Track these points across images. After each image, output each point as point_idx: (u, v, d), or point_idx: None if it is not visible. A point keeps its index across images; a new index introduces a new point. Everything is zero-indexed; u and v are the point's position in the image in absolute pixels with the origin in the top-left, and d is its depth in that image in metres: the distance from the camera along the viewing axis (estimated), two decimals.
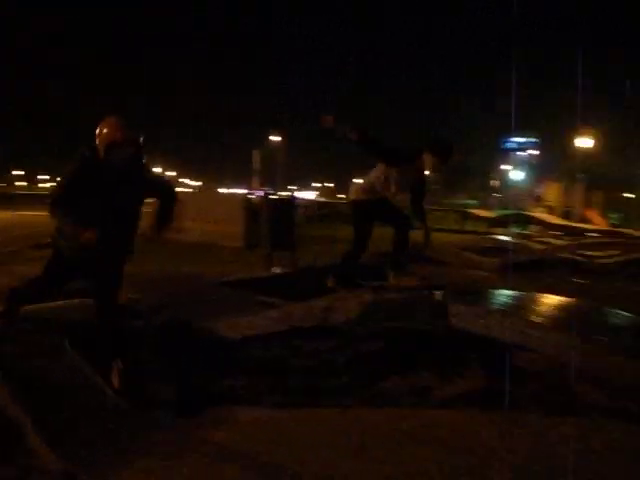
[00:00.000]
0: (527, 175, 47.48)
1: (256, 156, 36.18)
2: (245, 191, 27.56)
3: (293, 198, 11.02)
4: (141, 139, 3.21)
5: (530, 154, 57.98)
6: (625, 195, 36.86)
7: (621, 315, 4.26)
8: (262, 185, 34.76)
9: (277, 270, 7.44)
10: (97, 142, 3.15)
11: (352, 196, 4.93)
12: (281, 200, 10.73)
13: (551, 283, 6.73)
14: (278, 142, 47.41)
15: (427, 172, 4.79)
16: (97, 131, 3.16)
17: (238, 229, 10.68)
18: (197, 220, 10.90)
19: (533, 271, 7.94)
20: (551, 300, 4.68)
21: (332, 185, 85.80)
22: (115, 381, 2.90)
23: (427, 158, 4.60)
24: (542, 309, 4.30)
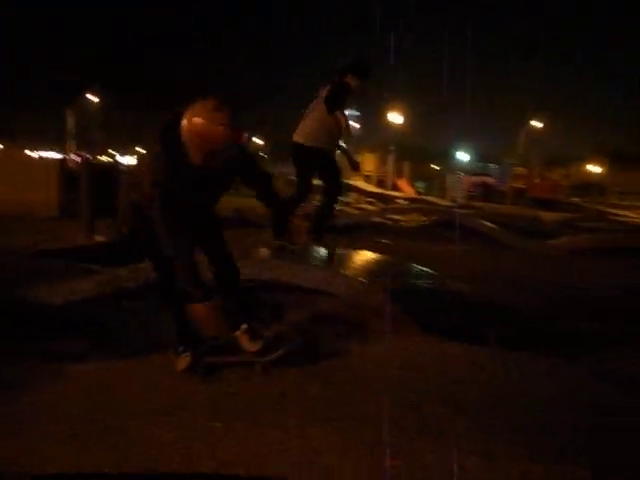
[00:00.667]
0: (349, 146, 50.41)
1: (69, 116, 32.93)
2: (59, 155, 25.27)
3: (116, 163, 10.61)
4: (246, 135, 2.62)
5: (351, 127, 61.26)
6: (432, 166, 41.21)
7: (415, 268, 5.06)
8: (80, 149, 32.00)
9: (100, 238, 7.24)
10: (184, 134, 2.36)
11: (310, 143, 4.54)
12: (103, 165, 10.27)
13: (364, 243, 7.56)
14: (95, 101, 43.57)
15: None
16: (185, 121, 2.35)
17: (52, 197, 9.98)
18: (1, 187, 9.93)
19: (350, 234, 8.79)
20: (360, 256, 5.35)
21: None
22: (246, 342, 2.69)
23: (351, 81, 4.49)
24: (352, 264, 4.92)
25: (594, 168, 48.89)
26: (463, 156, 39.90)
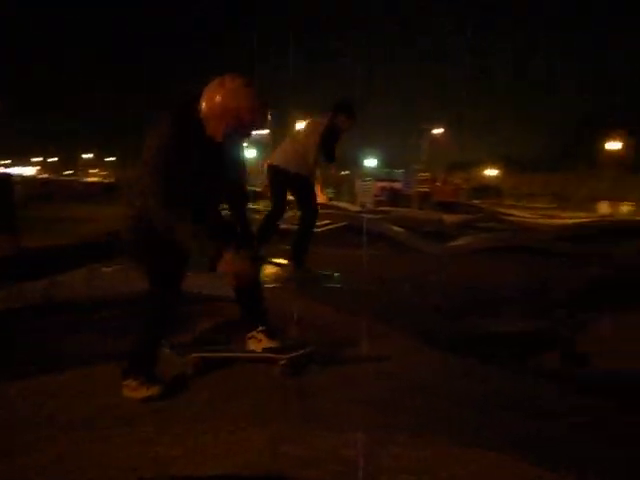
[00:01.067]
0: (258, 153, 50.17)
1: None
2: None
3: (8, 174, 10.00)
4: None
5: (261, 134, 61.15)
6: (342, 173, 42.09)
7: (319, 272, 5.20)
8: None
9: None
10: (207, 108, 2.29)
11: (288, 167, 4.81)
12: None
13: (270, 250, 7.63)
14: None
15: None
16: (210, 93, 2.28)
17: None
18: None
19: (257, 241, 8.82)
20: (269, 263, 5.44)
21: (56, 159, 77.94)
22: (265, 341, 2.67)
23: (341, 120, 4.83)
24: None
25: (491, 172, 52.11)
26: (371, 162, 41.13)
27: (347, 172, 41.78)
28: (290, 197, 5.22)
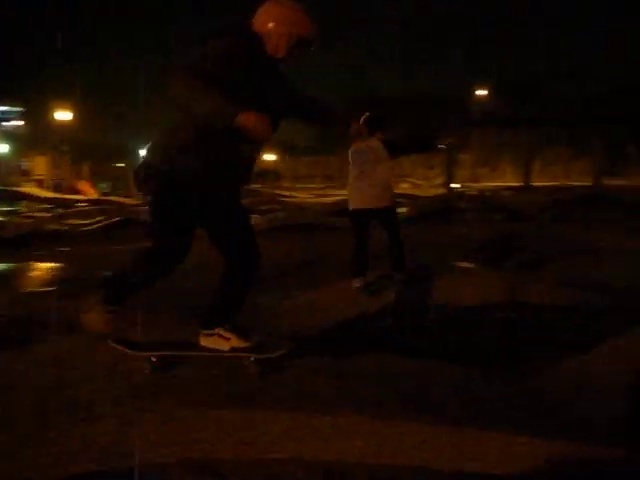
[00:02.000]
0: (12, 148, 44.44)
1: None
2: None
3: None
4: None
5: (15, 125, 54.46)
6: (116, 165, 39.56)
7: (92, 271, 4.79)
8: None
9: None
10: (261, 27, 2.23)
11: (388, 203, 4.48)
12: None
13: (39, 254, 6.83)
14: None
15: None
16: (265, 16, 2.22)
17: None
18: None
19: (21, 245, 7.83)
20: (37, 267, 5.01)
21: None
22: (234, 340, 2.38)
23: (380, 136, 4.50)
24: (27, 277, 4.60)
25: (270, 156, 54.11)
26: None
27: (123, 164, 39.48)
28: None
